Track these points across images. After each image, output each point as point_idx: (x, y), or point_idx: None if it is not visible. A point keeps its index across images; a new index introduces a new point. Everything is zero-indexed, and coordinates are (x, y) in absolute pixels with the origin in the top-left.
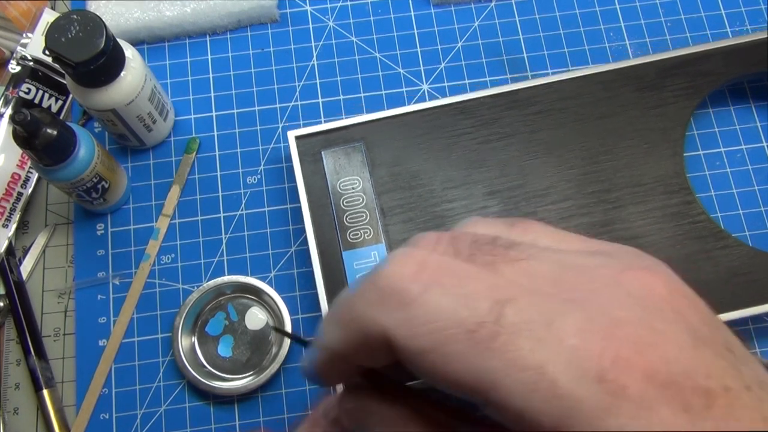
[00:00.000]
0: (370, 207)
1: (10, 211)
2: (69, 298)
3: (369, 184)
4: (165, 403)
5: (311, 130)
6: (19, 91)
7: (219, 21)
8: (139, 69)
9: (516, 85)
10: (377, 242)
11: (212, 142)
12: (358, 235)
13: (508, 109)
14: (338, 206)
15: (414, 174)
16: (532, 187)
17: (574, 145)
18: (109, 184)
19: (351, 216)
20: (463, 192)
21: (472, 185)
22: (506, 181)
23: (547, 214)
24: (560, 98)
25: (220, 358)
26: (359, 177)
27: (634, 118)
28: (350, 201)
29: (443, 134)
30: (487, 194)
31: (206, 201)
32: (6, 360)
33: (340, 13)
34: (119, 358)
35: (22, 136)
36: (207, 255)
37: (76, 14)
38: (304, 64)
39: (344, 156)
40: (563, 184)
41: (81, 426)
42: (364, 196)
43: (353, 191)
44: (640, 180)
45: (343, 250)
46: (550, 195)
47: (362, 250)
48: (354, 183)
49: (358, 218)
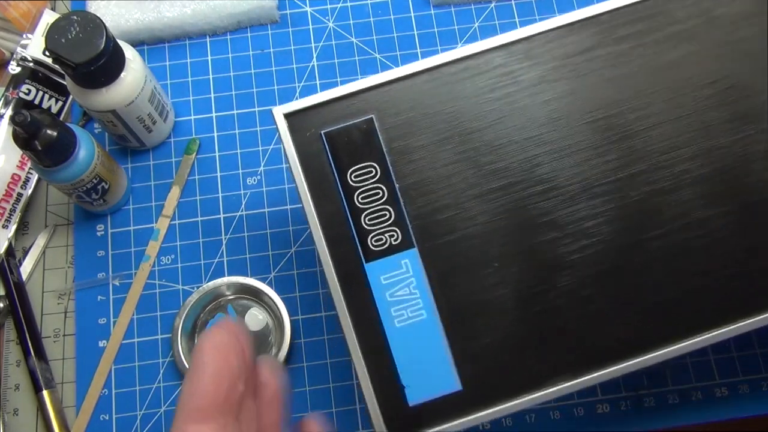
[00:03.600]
0: (393, 201)
1: (10, 211)
2: (69, 299)
3: (390, 171)
4: (165, 404)
5: (304, 103)
6: (19, 92)
7: (219, 22)
8: (139, 70)
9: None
10: (407, 248)
11: (212, 143)
12: (382, 241)
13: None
14: (352, 204)
15: (455, 147)
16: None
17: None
18: (109, 185)
19: (371, 216)
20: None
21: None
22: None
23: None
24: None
25: None
26: (375, 162)
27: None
28: (368, 196)
29: (484, 88)
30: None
31: (206, 202)
32: (6, 361)
33: (340, 14)
34: (119, 359)
35: (22, 137)
36: (207, 256)
37: (76, 15)
38: (304, 65)
39: (352, 135)
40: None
41: (81, 427)
42: (385, 188)
43: (370, 182)
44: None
45: (366, 262)
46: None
47: (390, 260)
48: (369, 171)
49: (380, 218)
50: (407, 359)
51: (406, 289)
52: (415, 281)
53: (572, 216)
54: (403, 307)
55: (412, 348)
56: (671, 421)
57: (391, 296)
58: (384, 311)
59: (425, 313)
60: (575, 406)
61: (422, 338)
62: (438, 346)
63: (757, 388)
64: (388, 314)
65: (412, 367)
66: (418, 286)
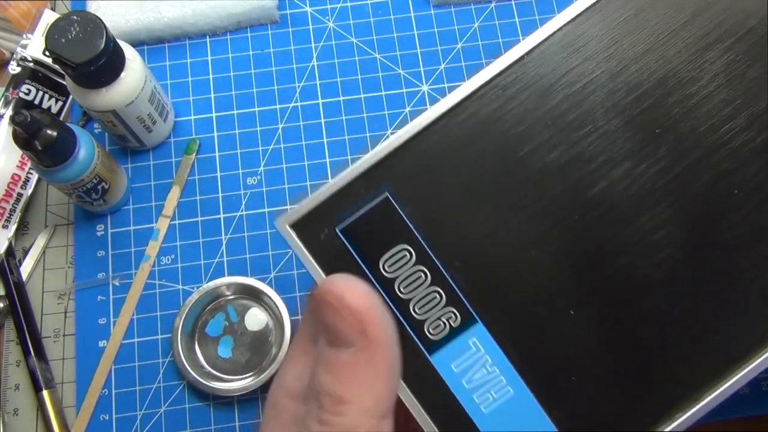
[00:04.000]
0: (440, 280)
1: (10, 212)
2: (69, 299)
3: (425, 248)
4: (165, 404)
5: (308, 206)
6: (19, 92)
7: (219, 22)
8: (139, 70)
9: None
10: (471, 325)
11: (212, 143)
12: (440, 326)
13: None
14: (397, 298)
15: (489, 198)
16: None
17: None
18: (109, 185)
19: (420, 304)
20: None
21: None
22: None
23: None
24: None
25: (220, 359)
26: (407, 244)
27: None
28: (410, 284)
29: (497, 122)
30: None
31: (206, 202)
32: (6, 361)
33: (340, 14)
34: (119, 359)
35: (22, 137)
36: (207, 256)
37: (76, 15)
38: (304, 65)
39: (372, 222)
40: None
41: (81, 427)
42: (426, 268)
43: (408, 267)
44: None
45: (430, 355)
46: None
47: (455, 344)
48: (403, 255)
49: (430, 302)
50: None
51: (483, 370)
52: (490, 358)
53: (638, 233)
54: (486, 389)
55: (510, 430)
56: None
57: (468, 382)
58: (467, 402)
59: (512, 389)
60: None
61: (518, 416)
62: (538, 419)
63: (757, 388)
64: (472, 403)
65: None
66: (495, 363)
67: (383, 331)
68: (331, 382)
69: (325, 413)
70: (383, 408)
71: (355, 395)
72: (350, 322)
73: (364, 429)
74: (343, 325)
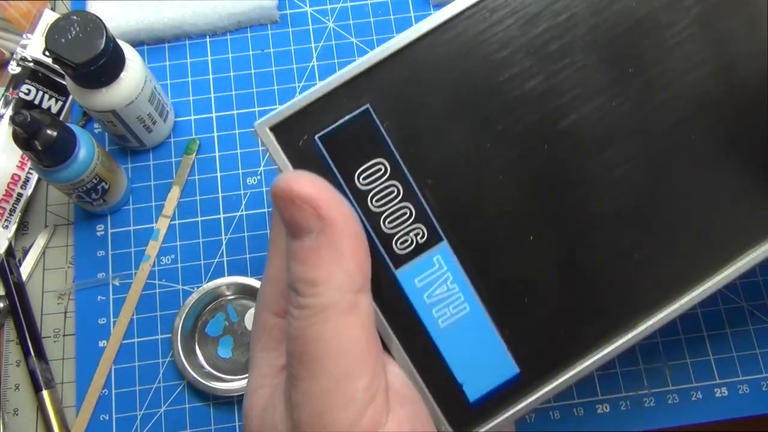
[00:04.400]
0: (412, 196)
1: (9, 212)
2: (69, 299)
3: (400, 164)
4: (165, 404)
5: (289, 110)
6: (19, 92)
7: (219, 22)
8: (139, 70)
9: None
10: (437, 242)
11: (212, 143)
12: (408, 242)
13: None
14: (368, 211)
15: (466, 120)
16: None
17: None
18: (109, 185)
19: (390, 218)
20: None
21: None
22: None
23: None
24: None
25: (220, 359)
26: (383, 158)
27: None
28: (382, 198)
29: (483, 44)
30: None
31: (206, 202)
32: (6, 361)
33: (340, 14)
34: (119, 359)
35: (22, 137)
36: (207, 256)
37: (76, 15)
38: (304, 65)
39: (351, 133)
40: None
41: (81, 427)
42: (399, 184)
43: (381, 181)
44: None
45: (396, 270)
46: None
47: (420, 260)
48: (378, 169)
49: (400, 218)
50: (460, 357)
51: (443, 287)
52: (451, 276)
53: (600, 167)
54: (445, 305)
55: (462, 344)
56: (671, 421)
57: (429, 298)
58: (426, 315)
59: (468, 306)
60: (575, 406)
61: (470, 332)
62: (488, 335)
63: (757, 388)
64: (431, 317)
65: (467, 363)
66: (455, 281)
67: (337, 211)
68: (302, 269)
69: (301, 298)
70: (355, 283)
71: (325, 275)
72: (304, 209)
73: (342, 305)
74: (298, 214)
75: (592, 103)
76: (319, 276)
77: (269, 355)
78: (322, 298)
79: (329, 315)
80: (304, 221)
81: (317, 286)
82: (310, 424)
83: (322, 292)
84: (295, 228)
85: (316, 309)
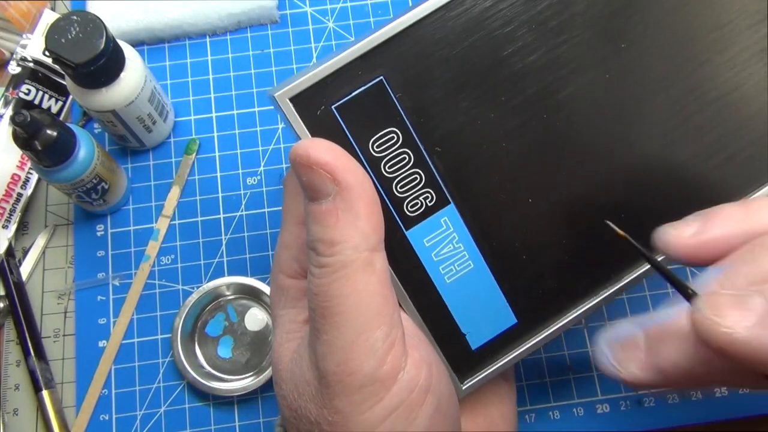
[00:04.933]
0: (421, 162)
1: (9, 212)
2: (69, 299)
3: (412, 132)
4: (165, 404)
5: (305, 82)
6: (19, 92)
7: (219, 22)
8: (139, 70)
9: None
10: (444, 205)
11: (212, 143)
12: (417, 205)
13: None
14: (382, 177)
15: (472, 91)
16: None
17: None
18: (108, 185)
19: (401, 183)
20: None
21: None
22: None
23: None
24: None
25: (220, 359)
26: (395, 127)
27: None
28: (394, 164)
29: (488, 19)
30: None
31: (206, 202)
32: (6, 361)
33: (340, 15)
34: (119, 359)
35: (22, 137)
36: (207, 256)
37: (76, 15)
38: (304, 65)
39: (365, 103)
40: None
41: (81, 427)
42: (410, 151)
43: (394, 149)
44: (718, 21)
45: (407, 230)
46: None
47: (429, 222)
48: (391, 137)
49: (411, 183)
50: (464, 309)
51: (450, 246)
52: (457, 236)
53: (595, 138)
54: (451, 263)
55: (466, 298)
56: (671, 421)
57: (436, 256)
58: (433, 272)
59: (472, 263)
60: (575, 406)
61: (474, 286)
62: (490, 289)
63: None
64: (438, 273)
65: (470, 315)
66: (461, 240)
67: (353, 175)
68: (321, 230)
69: (321, 257)
70: (371, 242)
71: (343, 235)
72: (321, 174)
73: (359, 263)
74: (316, 178)
75: (587, 76)
76: (337, 236)
77: (289, 312)
78: (341, 257)
79: (348, 272)
80: (321, 185)
81: (335, 245)
82: (336, 373)
83: (340, 250)
84: (313, 192)
85: (336, 267)
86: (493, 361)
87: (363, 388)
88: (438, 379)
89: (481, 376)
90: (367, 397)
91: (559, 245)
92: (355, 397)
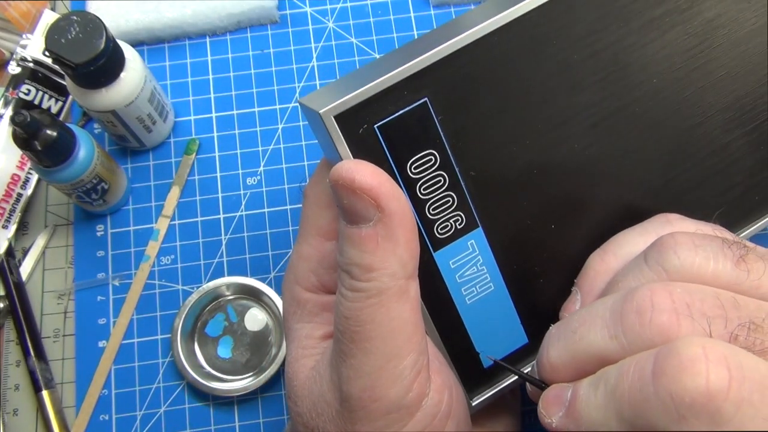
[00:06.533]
0: (456, 186)
1: (9, 212)
2: (69, 300)
3: (449, 156)
4: (165, 404)
5: (351, 100)
6: (19, 92)
7: (219, 22)
8: (139, 70)
9: None
10: (472, 229)
11: (212, 143)
12: (447, 227)
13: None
14: (416, 198)
15: (510, 120)
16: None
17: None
18: (108, 186)
19: (434, 205)
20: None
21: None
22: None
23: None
24: None
25: (220, 359)
26: (434, 150)
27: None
28: (429, 186)
29: (529, 50)
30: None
31: (206, 202)
32: (5, 361)
33: (339, 15)
34: (119, 360)
35: (21, 137)
36: (207, 256)
37: (76, 15)
38: (303, 66)
39: (408, 124)
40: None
41: (81, 427)
42: (446, 174)
43: (430, 171)
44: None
45: (434, 252)
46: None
47: (456, 244)
48: (429, 160)
49: (443, 205)
50: (480, 329)
51: (473, 268)
52: (482, 258)
53: (620, 170)
54: (473, 284)
55: (483, 319)
56: None
57: (460, 277)
58: (456, 293)
59: (493, 285)
60: None
61: (492, 307)
62: (507, 311)
63: None
64: (460, 294)
65: (486, 334)
66: (485, 263)
67: (396, 203)
68: (358, 255)
69: (356, 281)
70: (407, 270)
71: (381, 262)
72: (364, 199)
73: (395, 290)
74: (358, 203)
75: (627, 111)
76: (375, 262)
77: (306, 326)
78: (377, 283)
79: (383, 299)
80: (363, 210)
81: (373, 271)
82: (361, 399)
83: (377, 277)
84: (353, 215)
85: (371, 293)
86: (503, 378)
87: (388, 415)
88: (457, 404)
89: (489, 394)
90: (390, 423)
91: (573, 270)
92: (378, 422)
